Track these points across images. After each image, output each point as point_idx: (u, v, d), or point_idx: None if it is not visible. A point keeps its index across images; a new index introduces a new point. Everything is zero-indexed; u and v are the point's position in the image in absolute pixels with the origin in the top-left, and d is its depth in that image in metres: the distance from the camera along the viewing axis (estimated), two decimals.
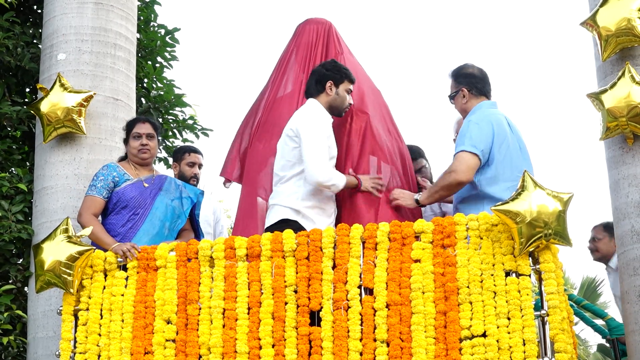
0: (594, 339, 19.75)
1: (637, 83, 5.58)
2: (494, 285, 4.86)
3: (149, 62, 8.64)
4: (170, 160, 9.00)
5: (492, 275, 4.88)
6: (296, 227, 5.39)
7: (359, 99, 5.98)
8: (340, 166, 5.81)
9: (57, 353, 5.37)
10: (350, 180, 5.63)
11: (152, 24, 8.76)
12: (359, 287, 5.02)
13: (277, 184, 5.66)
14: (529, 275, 4.85)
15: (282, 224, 5.44)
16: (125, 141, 6.07)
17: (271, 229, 5.44)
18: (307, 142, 5.51)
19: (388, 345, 4.88)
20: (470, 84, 5.75)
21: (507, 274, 4.88)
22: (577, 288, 20.61)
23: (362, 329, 4.93)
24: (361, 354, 4.89)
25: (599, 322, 7.49)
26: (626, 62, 5.69)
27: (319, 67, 5.85)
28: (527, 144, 5.72)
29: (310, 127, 5.56)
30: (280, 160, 5.68)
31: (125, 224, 5.74)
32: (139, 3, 8.51)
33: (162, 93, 8.65)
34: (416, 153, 6.48)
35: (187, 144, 8.88)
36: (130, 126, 6.05)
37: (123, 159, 6.11)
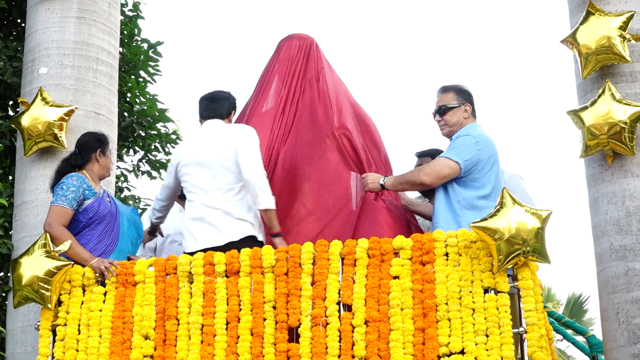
0: (581, 356, 19.76)
1: (617, 101, 5.62)
2: (473, 302, 4.85)
3: (132, 77, 8.64)
4: (154, 173, 9.01)
5: (470, 292, 4.87)
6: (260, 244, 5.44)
7: (339, 116, 5.98)
8: (317, 183, 5.82)
9: None
10: (274, 221, 5.61)
11: (135, 38, 8.76)
12: (338, 303, 5.00)
13: (225, 194, 5.57)
14: (507, 293, 4.85)
15: (249, 241, 5.44)
16: (100, 153, 5.80)
17: (238, 244, 5.39)
18: (253, 148, 5.57)
19: None
20: (472, 104, 5.75)
21: (486, 291, 4.87)
22: (563, 304, 20.66)
23: (340, 346, 4.91)
24: None
25: (580, 339, 7.49)
26: (606, 79, 5.72)
27: (233, 96, 5.95)
28: (507, 162, 5.76)
29: (252, 137, 5.64)
30: (225, 174, 5.59)
31: (101, 240, 5.60)
32: (123, 17, 8.52)
33: (145, 108, 8.65)
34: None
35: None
36: (106, 141, 5.87)
37: (77, 166, 5.79)
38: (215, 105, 5.87)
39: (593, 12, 5.79)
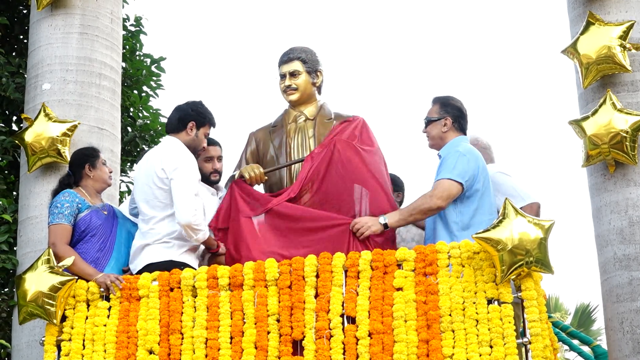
0: None
1: (618, 110, 5.63)
2: (476, 313, 4.85)
3: (135, 92, 8.67)
4: None
5: (474, 303, 4.88)
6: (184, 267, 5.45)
7: (342, 129, 5.99)
8: (328, 196, 5.81)
9: None
10: (211, 241, 5.61)
11: (137, 53, 8.80)
12: (342, 315, 5.01)
13: (149, 222, 5.58)
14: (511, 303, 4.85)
15: (170, 264, 5.45)
16: (89, 167, 5.82)
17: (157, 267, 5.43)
18: (180, 185, 5.47)
19: None
20: (455, 117, 5.69)
21: (489, 301, 4.88)
22: (571, 314, 20.57)
23: (344, 358, 4.92)
24: None
25: (586, 349, 7.49)
26: (607, 89, 5.73)
27: (185, 105, 5.83)
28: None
29: (183, 169, 5.53)
30: (149, 200, 5.59)
31: (96, 253, 5.60)
32: (125, 32, 8.55)
33: (148, 122, 8.67)
34: (398, 186, 6.46)
35: None
36: (94, 154, 5.90)
37: (69, 185, 5.84)
38: (168, 121, 5.87)
39: (593, 22, 5.81)
